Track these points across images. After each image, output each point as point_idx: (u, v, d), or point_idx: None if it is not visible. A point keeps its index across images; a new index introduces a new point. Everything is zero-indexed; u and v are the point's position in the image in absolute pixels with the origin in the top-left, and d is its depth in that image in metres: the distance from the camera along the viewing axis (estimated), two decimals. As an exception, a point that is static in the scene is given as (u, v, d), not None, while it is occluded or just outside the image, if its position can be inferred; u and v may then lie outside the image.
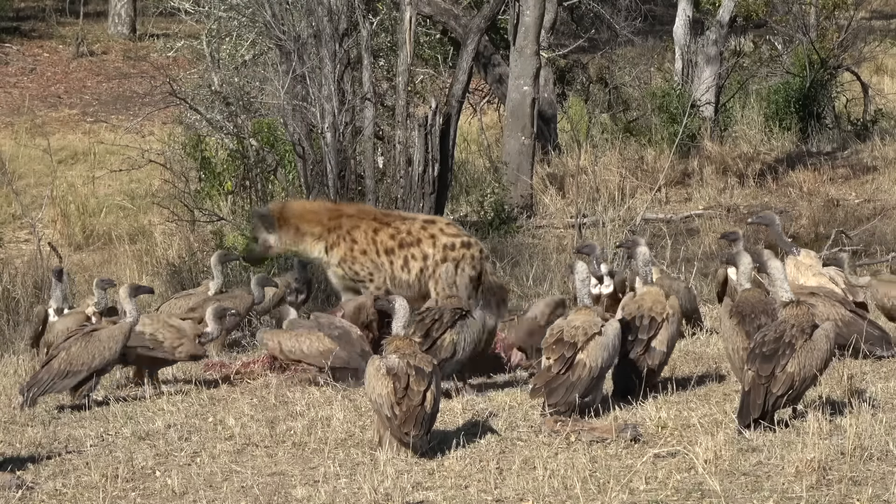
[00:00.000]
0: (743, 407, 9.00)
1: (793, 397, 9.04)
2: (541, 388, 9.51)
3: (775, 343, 9.07)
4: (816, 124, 26.16)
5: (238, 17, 21.55)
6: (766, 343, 9.10)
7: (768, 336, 9.14)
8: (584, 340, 9.54)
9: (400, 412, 8.81)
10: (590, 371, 9.50)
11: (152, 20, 35.13)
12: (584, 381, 9.49)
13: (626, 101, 28.02)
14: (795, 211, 20.39)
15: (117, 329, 10.75)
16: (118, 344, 10.71)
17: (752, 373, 9.00)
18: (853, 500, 7.63)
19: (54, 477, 8.74)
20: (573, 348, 9.52)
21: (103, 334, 10.71)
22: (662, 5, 33.31)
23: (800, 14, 28.71)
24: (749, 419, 8.93)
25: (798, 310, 9.25)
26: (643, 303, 10.20)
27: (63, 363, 10.57)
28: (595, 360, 9.53)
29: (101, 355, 10.63)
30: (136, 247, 19.95)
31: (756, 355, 9.06)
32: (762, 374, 8.95)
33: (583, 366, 9.49)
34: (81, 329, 10.90)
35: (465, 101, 18.40)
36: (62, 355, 10.61)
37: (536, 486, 8.08)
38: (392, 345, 9.16)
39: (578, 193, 18.89)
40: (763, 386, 8.95)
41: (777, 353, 9.01)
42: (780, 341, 9.07)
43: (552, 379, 9.49)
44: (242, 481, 8.50)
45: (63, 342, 10.78)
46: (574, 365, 9.49)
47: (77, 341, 10.66)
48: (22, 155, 27.82)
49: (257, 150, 17.85)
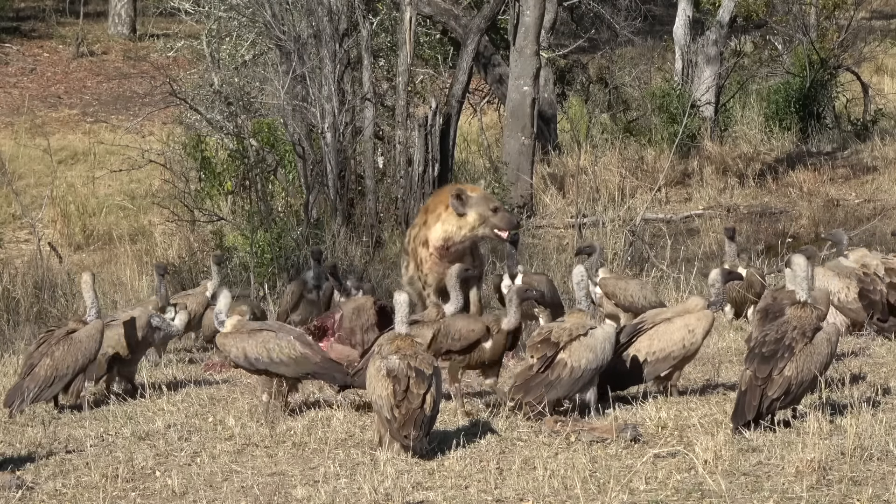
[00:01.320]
0: (738, 407, 8.96)
1: (789, 401, 9.01)
2: (520, 386, 9.52)
3: (775, 344, 9.03)
4: (816, 124, 26.17)
5: (238, 17, 21.55)
6: (766, 343, 9.05)
7: (769, 336, 9.10)
8: (567, 340, 9.54)
9: (399, 415, 8.79)
10: (571, 371, 9.47)
11: (152, 20, 35.14)
12: (566, 381, 9.47)
13: (626, 101, 28.03)
14: (795, 211, 20.39)
15: (93, 328, 10.69)
16: (97, 343, 10.66)
17: (749, 373, 8.97)
18: (853, 500, 7.63)
19: (54, 477, 8.74)
20: (555, 347, 9.52)
21: (82, 335, 10.66)
22: (662, 5, 33.32)
23: (800, 14, 28.72)
24: (743, 420, 8.90)
25: (802, 311, 9.17)
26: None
27: (48, 369, 10.52)
28: (578, 361, 9.50)
29: (84, 356, 10.57)
30: (136, 247, 19.94)
31: (755, 355, 9.02)
32: (759, 376, 8.91)
33: (563, 365, 9.48)
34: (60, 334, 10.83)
35: (465, 101, 18.41)
36: (46, 361, 10.56)
37: (536, 486, 8.08)
38: (393, 344, 9.13)
39: (578, 193, 18.88)
40: (759, 388, 8.91)
41: (776, 354, 8.98)
42: (780, 343, 9.03)
43: (531, 377, 9.49)
44: (242, 481, 8.50)
45: (39, 349, 10.70)
46: (554, 364, 9.49)
47: (59, 345, 10.61)
48: (22, 155, 27.83)
49: (257, 150, 17.85)
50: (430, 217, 11.90)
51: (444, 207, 11.81)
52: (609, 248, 16.07)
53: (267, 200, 16.81)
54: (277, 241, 15.55)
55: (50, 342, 10.68)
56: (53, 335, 10.76)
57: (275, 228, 15.82)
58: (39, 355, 10.63)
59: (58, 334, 10.74)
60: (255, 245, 15.59)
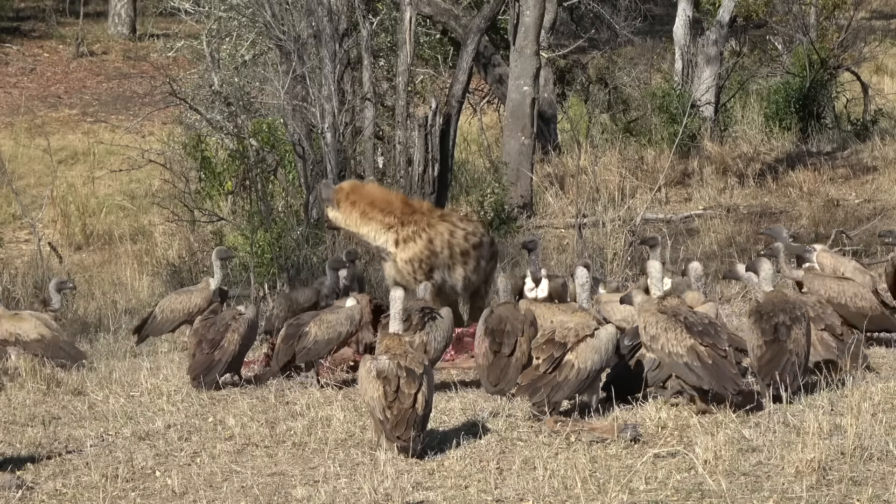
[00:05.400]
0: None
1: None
2: (526, 387, 9.51)
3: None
4: (816, 124, 26.15)
5: (238, 17, 21.55)
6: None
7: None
8: (574, 341, 9.53)
9: (392, 415, 8.79)
10: (578, 372, 9.47)
11: (152, 20, 35.14)
12: (572, 382, 9.46)
13: (625, 101, 28.01)
14: (795, 211, 20.38)
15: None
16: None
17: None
18: (853, 500, 7.63)
19: (54, 477, 8.74)
20: (563, 349, 9.51)
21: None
22: (662, 5, 33.31)
23: (800, 14, 28.70)
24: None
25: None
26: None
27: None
28: (584, 362, 9.50)
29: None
30: (136, 247, 19.95)
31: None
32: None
33: (570, 366, 9.47)
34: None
35: (465, 101, 18.40)
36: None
37: (536, 486, 8.08)
38: (382, 344, 9.14)
39: (578, 193, 18.87)
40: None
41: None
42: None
43: (538, 378, 9.48)
44: (242, 481, 8.51)
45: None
46: (562, 365, 9.48)
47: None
48: (22, 155, 27.82)
49: (257, 150, 17.84)
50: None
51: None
52: (609, 249, 16.07)
53: (267, 200, 16.80)
54: (277, 241, 15.54)
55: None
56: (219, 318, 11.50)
57: (275, 228, 15.81)
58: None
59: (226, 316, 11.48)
60: (255, 245, 15.59)
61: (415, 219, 12.27)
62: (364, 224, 12.24)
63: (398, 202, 12.43)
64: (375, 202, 12.30)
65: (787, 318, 9.77)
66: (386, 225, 12.22)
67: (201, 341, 11.36)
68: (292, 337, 11.09)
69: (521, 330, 10.32)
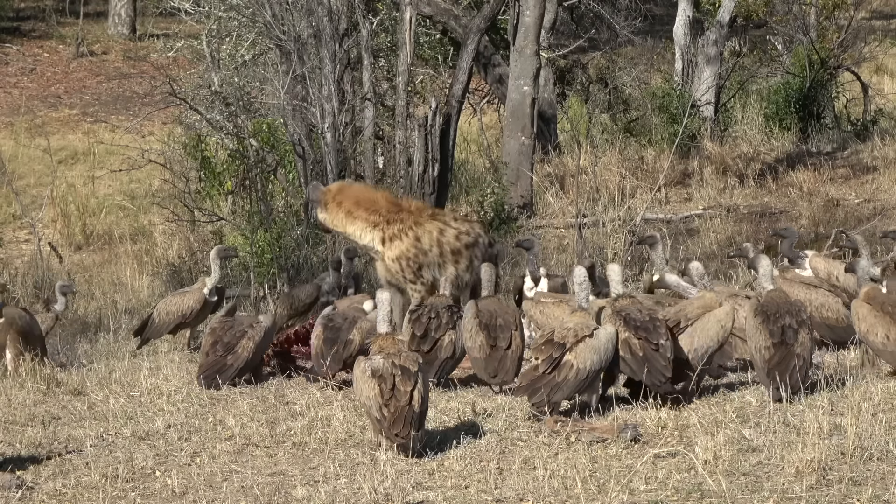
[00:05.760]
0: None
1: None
2: (526, 387, 9.52)
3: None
4: (816, 124, 26.14)
5: (238, 17, 21.55)
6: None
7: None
8: (573, 342, 9.54)
9: (388, 413, 8.80)
10: (577, 373, 9.48)
11: (152, 20, 35.14)
12: (571, 383, 9.47)
13: (626, 101, 28.01)
14: (795, 211, 20.38)
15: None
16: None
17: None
18: (853, 500, 7.63)
19: (54, 477, 8.74)
20: (561, 349, 9.52)
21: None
22: (662, 5, 33.31)
23: (800, 14, 28.69)
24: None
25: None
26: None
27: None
28: (584, 363, 9.51)
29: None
30: (136, 247, 19.95)
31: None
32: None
33: (569, 367, 9.48)
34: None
35: (465, 101, 18.40)
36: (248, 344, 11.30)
37: (536, 486, 8.08)
38: (376, 344, 9.15)
39: (578, 193, 18.88)
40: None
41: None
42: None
43: (537, 378, 9.49)
44: (242, 481, 8.50)
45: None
46: (561, 365, 9.49)
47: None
48: (22, 155, 27.82)
49: (257, 150, 17.84)
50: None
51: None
52: (609, 249, 16.07)
53: (267, 200, 16.80)
54: (277, 241, 15.54)
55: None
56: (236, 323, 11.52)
57: (275, 228, 15.81)
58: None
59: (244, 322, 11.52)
60: (255, 245, 15.59)
61: (401, 217, 12.26)
62: (350, 223, 12.23)
63: (384, 201, 12.42)
64: (360, 201, 12.28)
65: (794, 322, 9.81)
66: (371, 223, 12.21)
67: (216, 342, 11.36)
68: (334, 341, 11.13)
69: (514, 324, 10.62)
